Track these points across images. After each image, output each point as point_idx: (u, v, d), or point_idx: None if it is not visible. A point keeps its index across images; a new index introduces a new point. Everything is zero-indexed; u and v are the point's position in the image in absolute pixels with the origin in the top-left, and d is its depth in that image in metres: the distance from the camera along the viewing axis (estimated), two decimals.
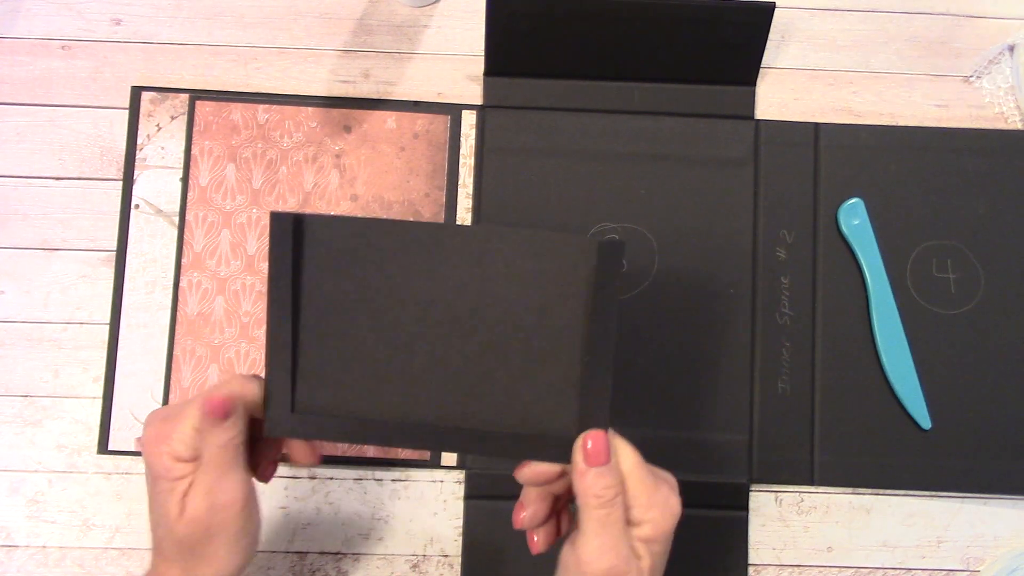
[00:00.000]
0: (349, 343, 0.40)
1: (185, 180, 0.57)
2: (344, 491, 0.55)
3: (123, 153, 0.57)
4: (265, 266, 0.56)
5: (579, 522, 0.37)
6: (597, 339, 0.38)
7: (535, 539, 0.42)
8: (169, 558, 0.39)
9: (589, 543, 0.37)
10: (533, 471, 0.40)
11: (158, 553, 0.40)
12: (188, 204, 0.56)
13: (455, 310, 0.39)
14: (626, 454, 0.38)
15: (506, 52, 0.56)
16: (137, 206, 0.56)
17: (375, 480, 0.55)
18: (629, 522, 0.37)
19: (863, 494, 0.56)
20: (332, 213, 0.54)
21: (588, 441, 0.37)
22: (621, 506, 0.37)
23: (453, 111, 0.58)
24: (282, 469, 0.55)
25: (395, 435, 0.40)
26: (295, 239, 0.39)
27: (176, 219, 0.56)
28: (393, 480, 0.55)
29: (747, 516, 0.55)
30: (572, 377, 0.39)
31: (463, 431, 0.40)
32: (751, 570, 0.55)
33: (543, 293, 0.39)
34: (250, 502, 0.40)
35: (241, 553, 0.39)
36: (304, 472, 0.55)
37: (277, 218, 0.39)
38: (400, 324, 0.39)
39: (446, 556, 0.54)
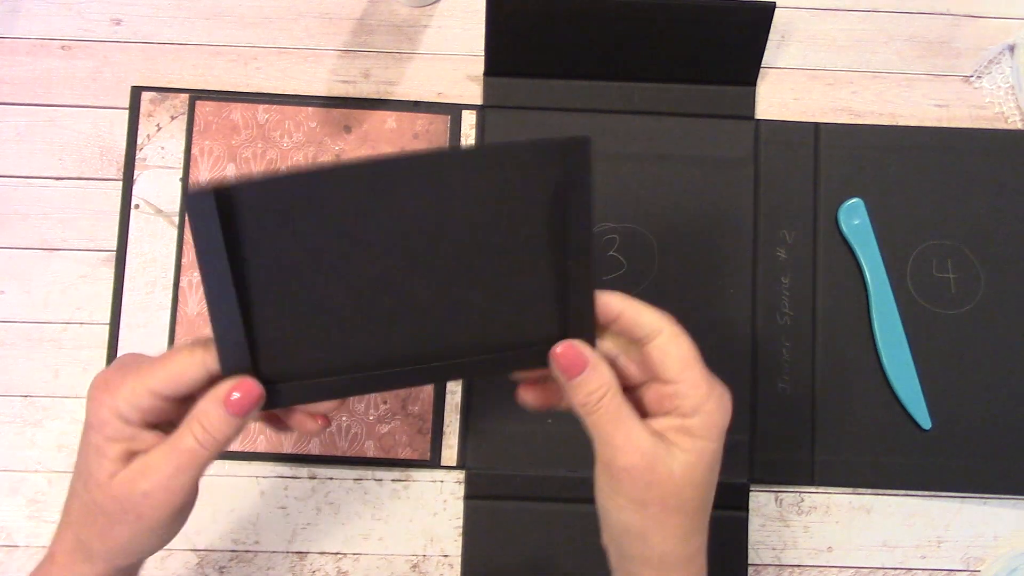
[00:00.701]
0: (308, 302, 0.37)
1: (185, 180, 0.57)
2: (344, 491, 0.55)
3: (123, 153, 0.57)
4: None
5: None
6: (573, 241, 0.36)
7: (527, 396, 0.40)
8: (72, 521, 0.36)
9: (602, 449, 0.36)
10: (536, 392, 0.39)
11: (64, 514, 0.37)
12: None
13: (415, 243, 0.36)
14: (675, 354, 0.36)
15: (506, 52, 0.56)
16: (137, 206, 0.56)
17: (375, 480, 0.55)
18: (682, 414, 0.35)
19: (863, 494, 0.56)
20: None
21: (560, 354, 0.36)
22: (616, 402, 0.35)
23: (453, 111, 0.58)
24: (282, 468, 0.55)
25: (375, 381, 0.38)
26: (221, 213, 0.34)
27: (176, 219, 0.56)
28: (393, 480, 0.55)
29: (747, 516, 0.55)
30: (550, 283, 0.37)
31: (449, 356, 0.38)
32: (751, 570, 0.55)
33: (508, 205, 0.36)
34: (188, 505, 0.36)
35: (143, 546, 0.36)
36: (304, 472, 0.55)
37: (194, 198, 0.33)
38: (359, 270, 0.36)
39: (446, 556, 0.54)
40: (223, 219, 0.34)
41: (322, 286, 0.36)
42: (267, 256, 0.35)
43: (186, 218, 0.34)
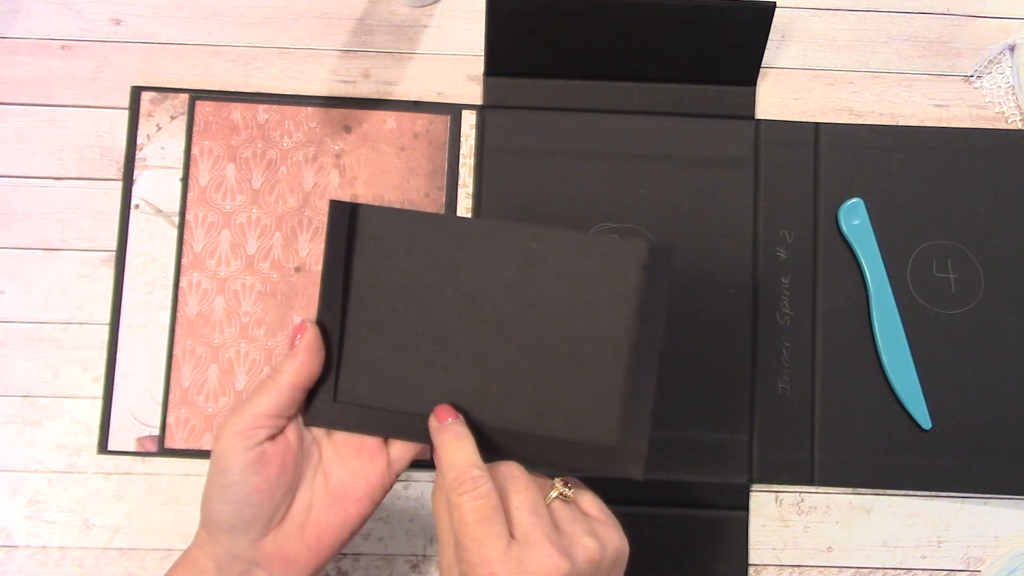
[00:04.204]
0: (395, 335, 0.40)
1: (185, 180, 0.57)
2: None
3: (123, 153, 0.57)
4: (265, 265, 0.56)
5: None
6: (643, 345, 0.38)
7: None
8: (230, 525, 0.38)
9: None
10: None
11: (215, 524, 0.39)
12: (188, 204, 0.56)
13: (502, 308, 0.39)
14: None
15: (506, 52, 0.56)
16: (137, 206, 0.56)
17: None
18: None
19: (863, 494, 0.56)
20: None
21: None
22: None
23: (453, 111, 0.58)
24: None
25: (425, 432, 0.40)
26: (350, 228, 0.39)
27: (176, 219, 0.56)
28: None
29: (747, 516, 0.55)
30: (616, 383, 0.39)
31: (502, 432, 0.39)
32: (751, 570, 0.55)
33: (592, 295, 0.39)
34: (267, 464, 0.38)
35: (228, 507, 0.38)
36: None
37: (336, 206, 0.39)
38: (446, 319, 0.39)
39: None
40: (350, 232, 0.39)
41: (411, 322, 0.40)
42: (375, 282, 0.40)
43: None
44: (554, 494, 0.37)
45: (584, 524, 0.36)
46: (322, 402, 0.40)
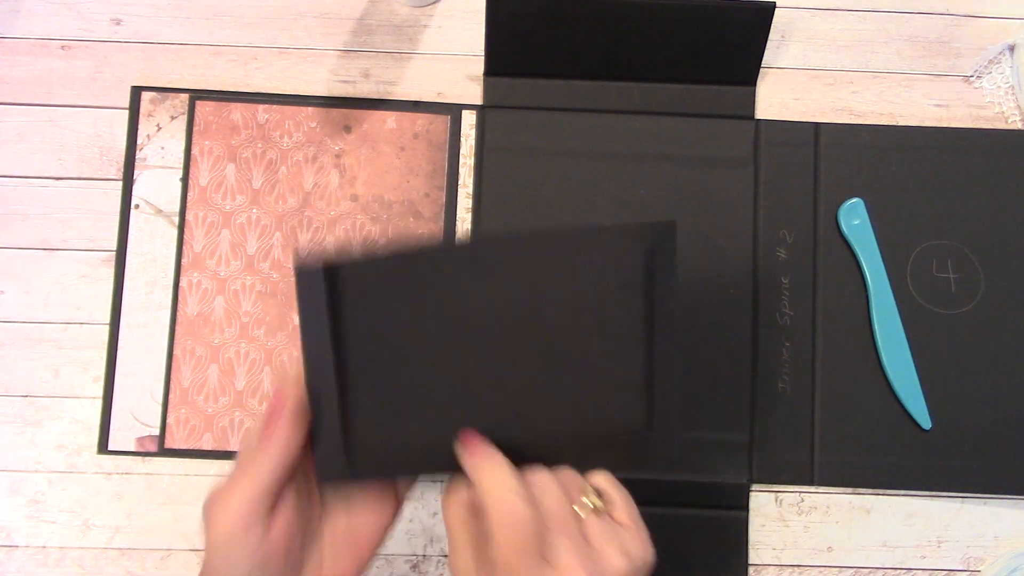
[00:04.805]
0: (400, 377, 0.37)
1: (185, 180, 0.57)
2: None
3: (123, 153, 0.57)
4: (265, 265, 0.56)
5: None
6: (659, 325, 0.36)
7: None
8: None
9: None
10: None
11: None
12: (188, 204, 0.56)
13: (506, 322, 0.37)
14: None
15: (506, 52, 0.56)
16: (137, 206, 0.56)
17: None
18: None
19: (863, 494, 0.56)
20: (359, 249, 0.48)
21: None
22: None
23: (453, 111, 0.58)
24: None
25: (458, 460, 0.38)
26: (328, 286, 0.36)
27: (176, 219, 0.56)
28: None
29: (747, 516, 0.55)
30: (636, 372, 0.37)
31: (530, 444, 0.37)
32: (751, 570, 0.55)
33: (597, 288, 0.37)
34: (270, 551, 0.35)
35: None
36: None
37: (304, 275, 0.36)
38: (451, 347, 0.37)
39: (446, 556, 0.54)
40: (328, 294, 0.36)
41: (414, 360, 0.37)
42: (365, 331, 0.37)
43: (296, 286, 0.37)
44: (588, 504, 0.36)
45: (615, 541, 0.35)
46: (334, 461, 0.37)
